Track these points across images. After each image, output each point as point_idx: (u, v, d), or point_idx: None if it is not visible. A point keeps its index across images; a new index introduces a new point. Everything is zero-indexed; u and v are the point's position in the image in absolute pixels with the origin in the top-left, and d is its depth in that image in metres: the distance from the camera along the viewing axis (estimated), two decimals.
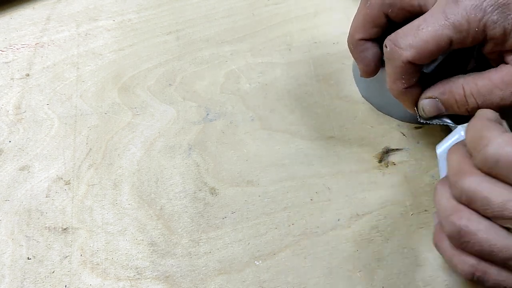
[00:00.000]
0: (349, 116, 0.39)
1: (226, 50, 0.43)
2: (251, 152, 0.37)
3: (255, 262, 0.33)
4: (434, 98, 0.30)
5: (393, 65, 0.29)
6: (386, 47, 0.29)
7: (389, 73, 0.30)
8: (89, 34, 0.44)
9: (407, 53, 0.28)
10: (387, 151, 0.37)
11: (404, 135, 0.38)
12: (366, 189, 0.36)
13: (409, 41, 0.28)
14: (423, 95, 0.30)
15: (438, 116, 0.31)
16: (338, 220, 0.34)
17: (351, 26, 0.33)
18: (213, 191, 0.36)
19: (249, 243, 0.34)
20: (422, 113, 0.31)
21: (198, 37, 0.44)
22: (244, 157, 0.37)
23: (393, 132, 0.38)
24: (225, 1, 0.46)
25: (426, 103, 0.30)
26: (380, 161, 0.37)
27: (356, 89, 0.40)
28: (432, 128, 0.38)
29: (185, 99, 0.40)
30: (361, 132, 0.38)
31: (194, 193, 0.36)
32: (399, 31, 0.29)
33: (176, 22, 0.45)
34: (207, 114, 0.39)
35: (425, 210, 0.35)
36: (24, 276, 0.32)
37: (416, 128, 0.38)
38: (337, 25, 0.44)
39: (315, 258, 0.33)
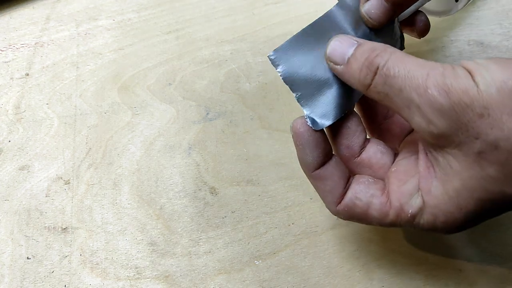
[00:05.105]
0: None
1: (226, 49, 0.43)
2: (251, 151, 0.37)
3: (255, 261, 0.33)
4: None
5: None
6: None
7: None
8: (88, 34, 0.44)
9: None
10: None
11: None
12: None
13: None
14: None
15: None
16: (338, 219, 0.34)
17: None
18: (213, 191, 0.36)
19: (249, 242, 0.34)
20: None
21: (198, 36, 0.44)
22: (244, 156, 0.37)
23: None
24: (225, 1, 0.46)
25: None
26: None
27: None
28: None
29: (185, 98, 0.40)
30: None
31: (194, 192, 0.36)
32: None
33: (176, 21, 0.45)
34: (207, 114, 0.39)
35: None
36: (23, 275, 0.32)
37: None
38: None
39: (315, 258, 0.33)
